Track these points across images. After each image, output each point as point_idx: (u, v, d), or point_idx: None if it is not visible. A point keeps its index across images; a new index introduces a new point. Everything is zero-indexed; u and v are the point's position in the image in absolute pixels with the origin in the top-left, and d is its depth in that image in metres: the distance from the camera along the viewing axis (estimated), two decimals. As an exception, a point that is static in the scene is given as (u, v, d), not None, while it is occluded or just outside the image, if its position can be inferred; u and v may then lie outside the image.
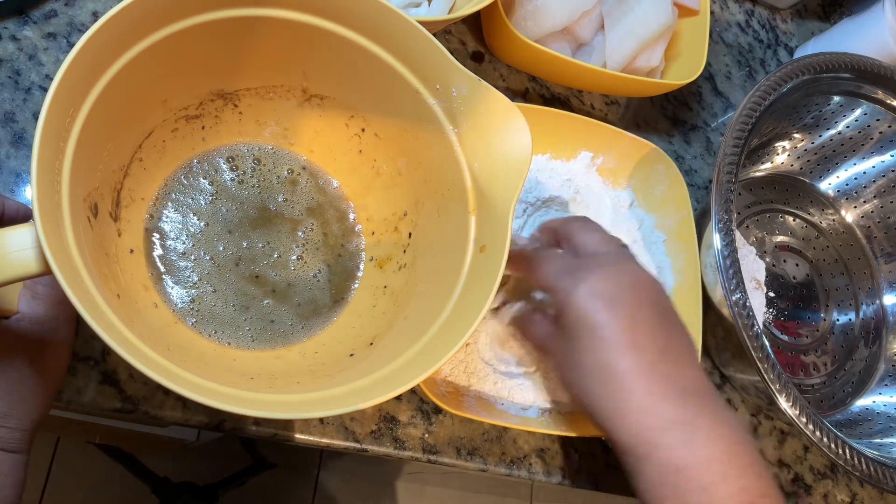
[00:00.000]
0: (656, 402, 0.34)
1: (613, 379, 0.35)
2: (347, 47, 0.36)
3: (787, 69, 0.51)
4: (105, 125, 0.32)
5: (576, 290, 0.36)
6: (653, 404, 0.34)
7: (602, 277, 0.36)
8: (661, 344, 0.35)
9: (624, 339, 0.35)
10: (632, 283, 0.36)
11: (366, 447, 0.43)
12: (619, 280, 0.36)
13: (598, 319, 0.35)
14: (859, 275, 0.62)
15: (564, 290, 0.37)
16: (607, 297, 0.35)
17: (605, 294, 0.36)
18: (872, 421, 0.55)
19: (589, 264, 0.37)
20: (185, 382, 0.27)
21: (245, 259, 0.40)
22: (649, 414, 0.34)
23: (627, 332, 0.35)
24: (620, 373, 0.34)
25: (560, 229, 0.41)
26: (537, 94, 0.56)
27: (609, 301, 0.35)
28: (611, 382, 0.35)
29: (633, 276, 0.37)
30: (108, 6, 0.44)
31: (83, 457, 1.06)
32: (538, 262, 0.39)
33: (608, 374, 0.35)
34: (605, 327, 0.35)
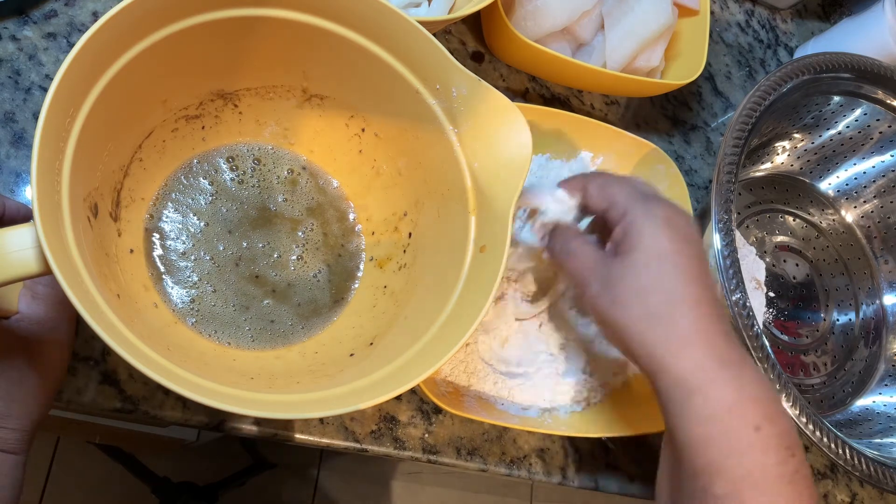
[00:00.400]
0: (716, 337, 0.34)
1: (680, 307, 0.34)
2: (347, 47, 0.36)
3: (787, 69, 0.51)
4: (105, 125, 0.32)
5: (651, 214, 0.35)
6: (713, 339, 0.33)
7: (673, 211, 0.36)
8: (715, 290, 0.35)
9: (696, 275, 0.34)
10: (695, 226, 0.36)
11: (366, 447, 0.43)
12: (688, 220, 0.36)
13: (674, 247, 0.35)
14: (859, 275, 0.62)
15: (637, 212, 0.36)
16: (680, 231, 0.35)
17: (678, 227, 0.35)
18: (872, 421, 0.55)
19: (660, 197, 0.37)
20: (185, 382, 0.27)
21: (245, 259, 0.40)
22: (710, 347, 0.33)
23: (695, 266, 0.35)
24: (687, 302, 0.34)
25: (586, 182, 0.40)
26: (537, 94, 0.56)
27: (682, 235, 0.35)
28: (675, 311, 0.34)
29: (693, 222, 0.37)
30: (108, 6, 0.44)
31: (83, 457, 1.05)
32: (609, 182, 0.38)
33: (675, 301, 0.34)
34: (678, 255, 0.34)
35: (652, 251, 0.35)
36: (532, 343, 0.46)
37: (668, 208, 0.36)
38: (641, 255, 0.35)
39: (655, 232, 0.35)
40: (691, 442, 0.33)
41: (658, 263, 0.34)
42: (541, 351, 0.46)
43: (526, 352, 0.45)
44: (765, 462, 0.32)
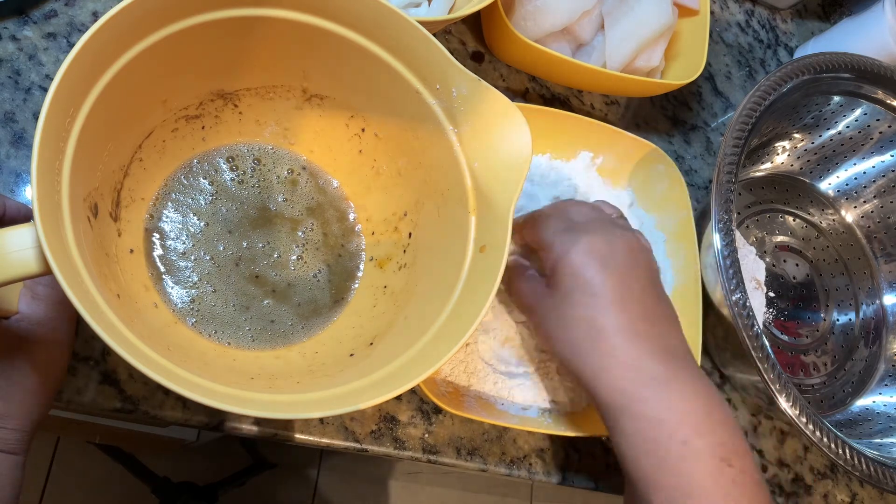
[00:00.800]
0: (638, 358, 0.35)
1: (600, 335, 0.36)
2: (347, 47, 0.36)
3: (787, 69, 0.51)
4: (105, 125, 0.32)
5: (573, 247, 0.38)
6: (635, 361, 0.35)
7: (598, 239, 0.38)
8: (648, 306, 0.37)
9: (613, 298, 0.36)
10: (626, 246, 0.38)
11: (366, 447, 0.43)
12: (613, 243, 0.38)
13: (591, 277, 0.37)
14: (859, 275, 0.62)
15: (561, 247, 0.38)
16: (601, 257, 0.37)
17: (600, 254, 0.37)
18: (872, 421, 0.55)
19: (588, 226, 0.39)
20: (185, 382, 0.27)
21: (245, 259, 0.40)
22: (630, 370, 0.35)
23: (617, 291, 0.36)
24: (607, 329, 0.36)
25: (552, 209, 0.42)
26: (537, 94, 0.56)
27: (603, 261, 0.37)
28: (597, 338, 0.36)
29: (626, 240, 0.38)
30: (108, 6, 0.44)
31: (83, 457, 1.06)
32: (538, 221, 0.41)
33: (595, 330, 0.36)
34: (596, 285, 0.36)
35: (571, 285, 0.37)
36: (532, 343, 0.46)
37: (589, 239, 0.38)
38: (563, 289, 0.38)
39: (574, 266, 0.37)
40: (626, 456, 0.36)
41: (576, 296, 0.37)
42: (541, 351, 0.46)
43: (526, 352, 0.45)
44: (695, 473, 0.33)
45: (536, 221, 0.41)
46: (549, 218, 0.41)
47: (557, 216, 0.41)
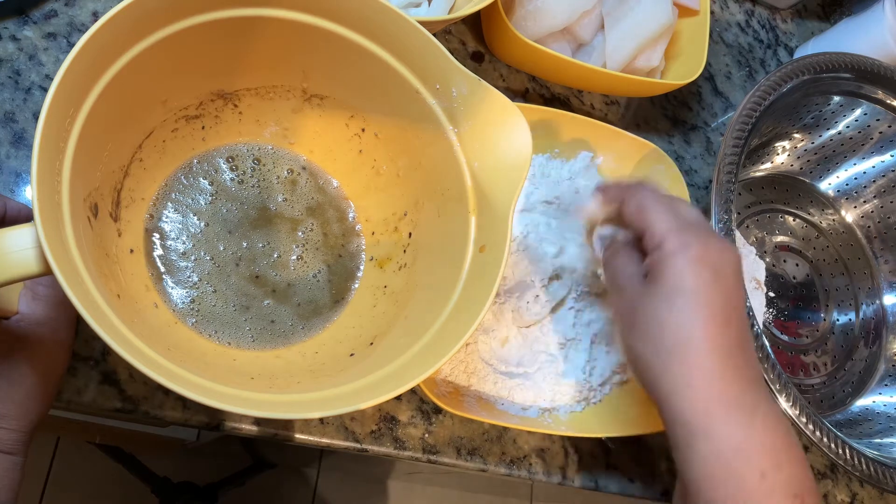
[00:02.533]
0: (725, 381, 0.33)
1: (692, 348, 0.34)
2: (347, 47, 0.36)
3: (787, 69, 0.51)
4: (105, 125, 0.32)
5: (686, 249, 0.35)
6: (721, 383, 0.33)
7: (711, 247, 0.35)
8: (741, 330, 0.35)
9: (716, 314, 0.34)
10: (735, 262, 0.36)
11: (366, 447, 0.43)
12: (725, 256, 0.35)
13: (699, 286, 0.34)
14: (859, 275, 0.62)
15: (673, 245, 0.35)
16: (712, 269, 0.35)
17: (711, 265, 0.35)
18: (872, 421, 0.55)
19: (700, 231, 0.36)
20: (185, 382, 0.27)
21: (245, 259, 0.40)
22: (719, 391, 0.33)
23: (721, 308, 0.34)
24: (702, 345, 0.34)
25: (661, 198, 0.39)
26: (537, 94, 0.56)
27: (713, 273, 0.35)
28: (688, 351, 0.34)
29: (735, 256, 0.36)
30: (108, 6, 0.44)
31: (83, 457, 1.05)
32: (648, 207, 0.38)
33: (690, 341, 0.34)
34: (703, 295, 0.34)
35: (675, 288, 0.35)
36: (532, 343, 0.46)
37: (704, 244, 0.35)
38: (665, 289, 0.35)
39: (684, 269, 0.35)
40: (696, 480, 0.33)
41: (679, 301, 0.34)
42: (541, 351, 0.46)
43: (526, 352, 0.45)
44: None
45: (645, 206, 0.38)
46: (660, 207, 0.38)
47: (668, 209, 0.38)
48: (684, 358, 0.34)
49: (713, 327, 0.34)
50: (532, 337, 0.46)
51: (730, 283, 0.35)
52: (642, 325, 0.36)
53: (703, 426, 0.33)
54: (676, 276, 0.35)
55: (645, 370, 0.36)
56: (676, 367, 0.34)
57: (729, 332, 0.34)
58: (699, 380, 0.34)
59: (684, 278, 0.35)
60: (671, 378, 0.34)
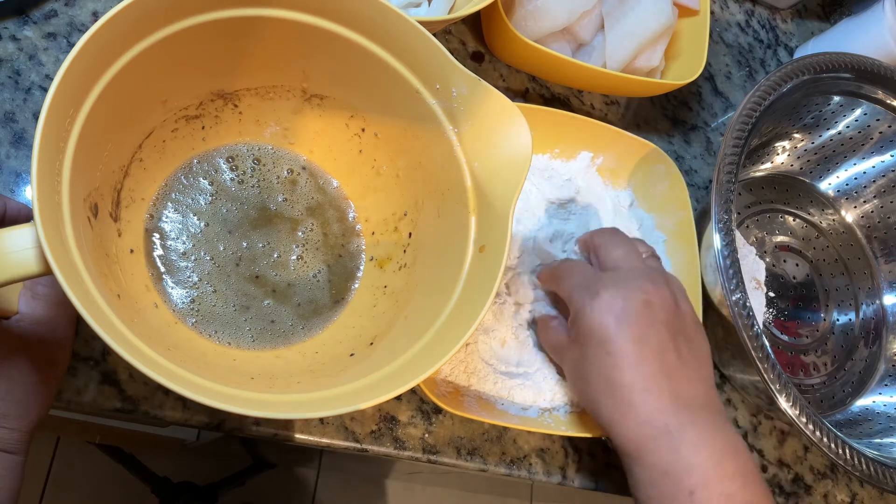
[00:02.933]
0: (652, 412, 0.37)
1: (616, 390, 0.38)
2: (347, 47, 0.36)
3: (787, 69, 0.51)
4: (105, 125, 0.32)
5: (591, 304, 0.39)
6: (648, 414, 0.37)
7: (616, 295, 0.39)
8: (668, 360, 0.38)
9: (628, 355, 0.37)
10: (645, 301, 0.38)
11: (366, 447, 0.43)
12: (632, 298, 0.38)
13: (607, 335, 0.38)
14: (859, 275, 0.62)
15: (580, 303, 0.40)
16: (618, 315, 0.38)
17: (617, 311, 0.38)
18: (872, 421, 0.55)
19: (606, 281, 0.40)
20: (185, 382, 0.27)
21: (245, 259, 0.40)
22: (644, 422, 0.37)
23: (632, 348, 0.37)
24: (623, 386, 0.37)
25: (588, 242, 0.44)
26: (537, 94, 0.56)
27: (619, 318, 0.38)
28: (613, 393, 0.38)
29: (646, 294, 0.39)
30: (108, 6, 0.44)
31: (83, 457, 1.06)
32: (561, 273, 0.43)
33: (612, 385, 0.38)
34: (612, 343, 0.38)
35: (593, 341, 0.39)
36: (532, 343, 0.46)
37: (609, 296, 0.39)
38: (585, 343, 0.39)
39: (592, 322, 0.39)
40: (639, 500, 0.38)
41: (598, 353, 0.38)
42: (541, 351, 0.46)
43: (526, 352, 0.45)
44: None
45: (559, 273, 0.43)
46: (571, 271, 0.42)
47: (579, 270, 0.42)
48: (610, 400, 0.38)
49: (627, 369, 0.37)
50: (532, 337, 0.46)
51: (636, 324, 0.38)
52: (577, 380, 0.40)
53: (635, 455, 0.37)
54: (586, 331, 0.39)
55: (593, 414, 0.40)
56: (608, 408, 0.38)
57: (644, 370, 0.37)
58: (626, 414, 0.37)
59: (592, 332, 0.39)
60: (606, 417, 0.38)
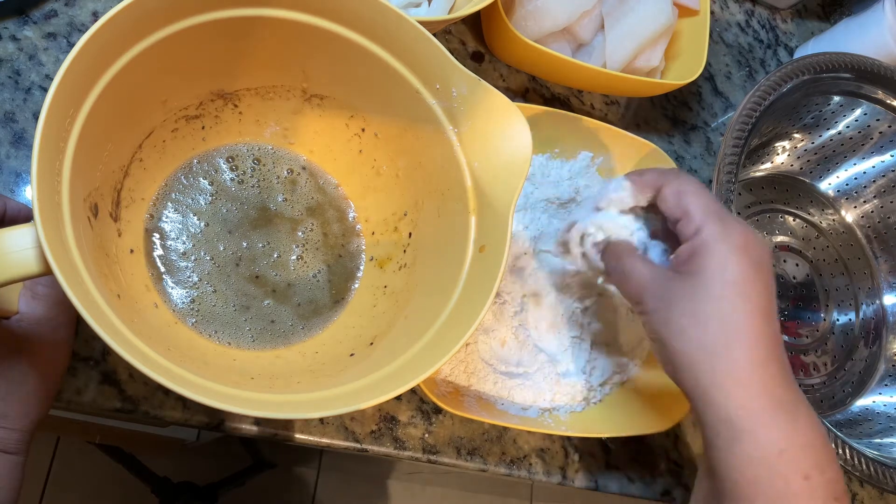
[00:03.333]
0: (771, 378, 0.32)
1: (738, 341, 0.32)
2: (347, 47, 0.36)
3: (787, 69, 0.51)
4: (105, 125, 0.32)
5: (727, 237, 0.33)
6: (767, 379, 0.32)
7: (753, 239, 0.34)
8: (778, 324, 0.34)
9: (762, 306, 0.33)
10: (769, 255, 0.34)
11: (366, 447, 0.43)
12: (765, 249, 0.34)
13: (744, 276, 0.33)
14: (859, 275, 0.62)
15: (713, 232, 0.34)
16: (755, 258, 0.33)
17: (755, 254, 0.33)
18: (872, 421, 0.55)
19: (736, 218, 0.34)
20: (185, 382, 0.27)
21: (245, 259, 0.40)
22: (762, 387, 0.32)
23: (765, 300, 0.33)
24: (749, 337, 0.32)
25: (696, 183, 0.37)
26: (537, 94, 0.56)
27: (756, 262, 0.33)
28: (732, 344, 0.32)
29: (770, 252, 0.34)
30: (108, 6, 0.44)
31: (83, 457, 1.05)
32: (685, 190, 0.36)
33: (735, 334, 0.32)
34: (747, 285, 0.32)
35: (720, 278, 0.33)
36: (532, 343, 0.46)
37: (746, 233, 0.34)
38: (708, 279, 0.33)
39: (728, 257, 0.33)
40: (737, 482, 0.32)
41: (724, 292, 0.33)
42: (541, 351, 0.46)
43: (526, 352, 0.45)
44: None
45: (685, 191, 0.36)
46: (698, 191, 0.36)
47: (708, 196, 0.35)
48: (729, 352, 0.32)
49: (759, 320, 0.32)
50: (532, 337, 0.46)
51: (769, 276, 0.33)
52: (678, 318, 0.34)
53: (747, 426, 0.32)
54: (718, 265, 0.33)
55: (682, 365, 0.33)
56: (720, 362, 0.32)
57: (772, 326, 0.33)
58: (745, 376, 0.32)
59: (727, 268, 0.33)
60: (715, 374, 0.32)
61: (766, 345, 0.32)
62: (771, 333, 0.33)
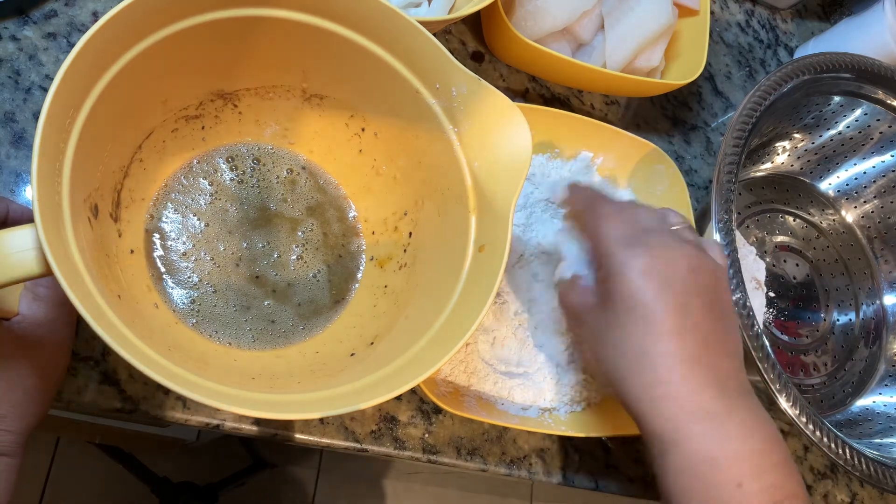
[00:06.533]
0: (692, 391, 0.33)
1: (651, 362, 0.34)
2: (347, 47, 0.36)
3: (787, 69, 0.51)
4: (105, 125, 0.32)
5: (631, 263, 0.35)
6: (688, 393, 0.33)
7: (659, 256, 0.35)
8: (707, 334, 0.34)
9: (669, 325, 0.34)
10: (689, 267, 0.35)
11: (366, 447, 0.43)
12: (675, 262, 0.35)
13: (647, 300, 0.34)
14: (859, 275, 0.62)
15: (619, 261, 0.35)
16: (660, 279, 0.34)
17: (659, 275, 0.34)
18: (872, 421, 0.55)
19: (648, 239, 0.36)
20: (185, 382, 0.27)
21: (245, 259, 0.40)
22: (683, 403, 0.33)
23: (674, 317, 0.34)
24: (660, 357, 0.33)
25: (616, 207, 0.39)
26: (537, 94, 0.56)
27: (661, 283, 0.34)
28: (647, 365, 0.34)
29: (688, 259, 0.35)
30: (108, 6, 0.44)
31: (83, 457, 1.05)
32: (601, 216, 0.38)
33: (646, 356, 0.34)
34: (652, 309, 0.34)
35: (624, 306, 0.35)
36: (532, 343, 0.46)
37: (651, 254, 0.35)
38: (616, 308, 0.35)
39: (632, 284, 0.34)
40: (671, 492, 0.33)
41: (634, 318, 0.34)
42: (541, 351, 0.46)
43: (526, 352, 0.45)
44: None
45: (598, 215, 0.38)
46: (611, 218, 0.37)
47: (621, 217, 0.37)
48: (643, 373, 0.34)
49: (667, 340, 0.33)
50: (532, 337, 0.46)
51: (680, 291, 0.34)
52: (605, 348, 0.36)
53: (672, 439, 0.33)
54: (624, 293, 0.35)
55: (616, 390, 0.36)
56: (639, 383, 0.34)
57: (684, 341, 0.34)
58: (662, 393, 0.33)
59: (632, 296, 0.34)
60: (639, 394, 0.34)
61: (682, 360, 0.33)
62: (687, 348, 0.33)
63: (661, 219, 0.38)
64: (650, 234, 0.36)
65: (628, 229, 0.36)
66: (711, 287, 0.36)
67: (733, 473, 0.32)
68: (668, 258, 0.35)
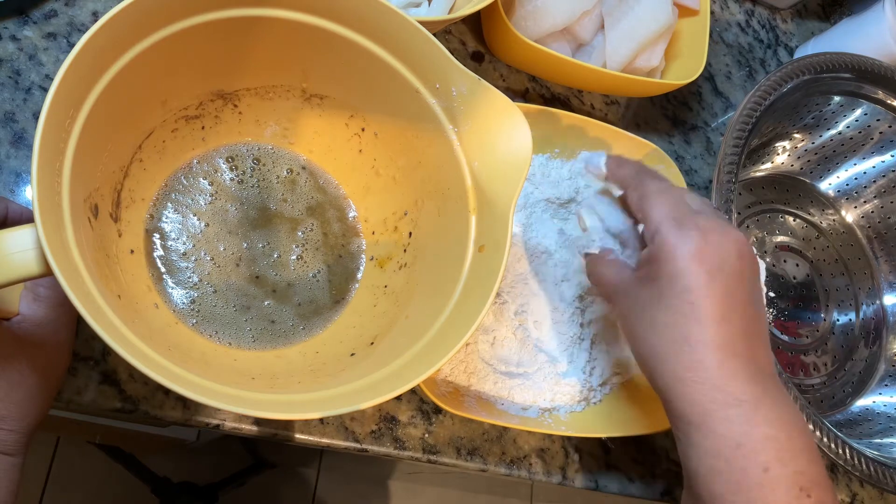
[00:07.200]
0: (727, 379, 0.33)
1: (690, 346, 0.34)
2: (347, 47, 0.36)
3: (787, 69, 0.51)
4: (105, 125, 0.32)
5: (681, 244, 0.34)
6: (723, 381, 0.33)
7: (709, 240, 0.34)
8: (748, 323, 0.34)
9: (713, 311, 0.34)
10: (738, 253, 0.35)
11: (366, 447, 0.43)
12: (726, 247, 0.34)
13: (695, 283, 0.34)
14: (859, 275, 0.62)
15: (668, 239, 0.35)
16: (710, 264, 0.34)
17: (709, 260, 0.34)
18: (872, 421, 0.55)
19: (699, 221, 0.35)
20: (185, 382, 0.27)
21: (245, 259, 0.40)
22: (717, 389, 0.33)
23: (719, 304, 0.34)
24: (699, 343, 0.33)
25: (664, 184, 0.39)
26: (537, 94, 0.56)
27: (711, 268, 0.34)
28: (685, 349, 0.34)
29: (739, 245, 0.35)
30: (108, 6, 0.44)
31: (83, 457, 1.06)
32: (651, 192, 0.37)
33: (686, 340, 0.34)
34: (699, 294, 0.34)
35: (671, 288, 0.34)
36: (532, 343, 0.46)
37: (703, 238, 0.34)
38: (662, 288, 0.35)
39: (680, 266, 0.34)
40: (698, 473, 0.34)
41: (674, 301, 0.34)
42: (541, 351, 0.46)
43: (526, 352, 0.45)
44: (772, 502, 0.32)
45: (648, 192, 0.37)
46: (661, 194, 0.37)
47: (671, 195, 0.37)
48: (680, 356, 0.34)
49: (710, 325, 0.33)
50: (532, 337, 0.46)
51: (728, 276, 0.34)
52: (640, 325, 0.36)
53: (702, 422, 0.33)
54: (671, 274, 0.34)
55: (647, 368, 0.36)
56: (674, 366, 0.34)
57: (727, 329, 0.34)
58: (696, 377, 0.33)
59: (678, 277, 0.34)
60: (673, 375, 0.34)
61: (719, 347, 0.33)
62: (726, 335, 0.34)
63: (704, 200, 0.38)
64: (699, 215, 0.36)
65: (678, 209, 0.36)
66: (753, 277, 0.36)
67: (761, 458, 0.32)
68: (718, 243, 0.34)
